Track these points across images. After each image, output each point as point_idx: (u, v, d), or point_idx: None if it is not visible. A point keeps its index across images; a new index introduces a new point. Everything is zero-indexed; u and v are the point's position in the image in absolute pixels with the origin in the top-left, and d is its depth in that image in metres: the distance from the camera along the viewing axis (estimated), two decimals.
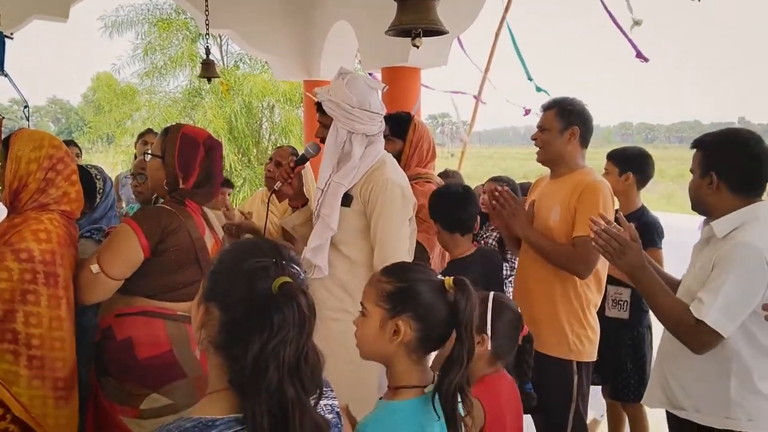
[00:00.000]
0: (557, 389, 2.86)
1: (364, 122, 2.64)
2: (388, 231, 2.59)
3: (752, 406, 2.15)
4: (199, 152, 2.44)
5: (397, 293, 1.63)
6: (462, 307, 1.57)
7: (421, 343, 1.62)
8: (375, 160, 2.70)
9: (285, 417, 1.18)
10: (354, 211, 2.65)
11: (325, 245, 2.67)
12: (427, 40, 4.72)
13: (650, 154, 3.63)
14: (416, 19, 2.88)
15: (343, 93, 2.63)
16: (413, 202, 2.72)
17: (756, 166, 2.22)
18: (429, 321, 1.61)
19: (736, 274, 2.09)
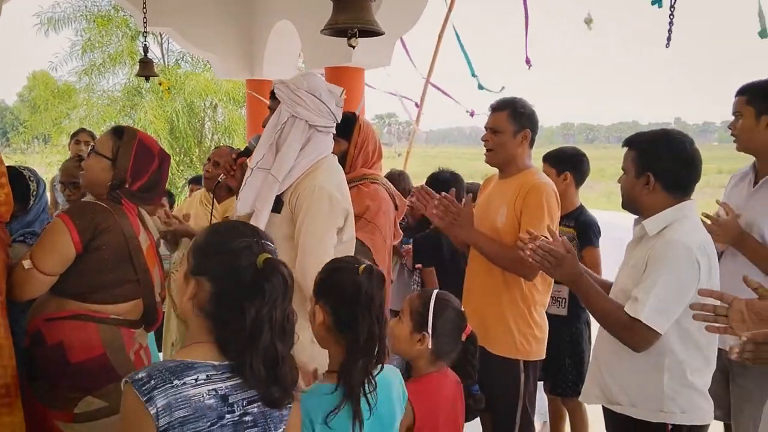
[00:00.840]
0: (505, 388, 2.88)
1: (309, 109, 2.54)
2: (311, 238, 2.47)
3: (685, 400, 2.22)
4: (154, 163, 2.46)
5: (318, 283, 1.87)
6: (364, 289, 1.77)
7: (336, 325, 1.80)
8: (314, 161, 2.59)
9: (275, 366, 1.46)
10: (283, 217, 2.54)
11: None
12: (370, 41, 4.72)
13: (585, 153, 3.70)
14: (352, 19, 2.86)
15: (297, 78, 2.63)
16: (344, 209, 2.59)
17: (689, 166, 2.28)
18: (338, 304, 1.80)
19: (668, 271, 2.15)
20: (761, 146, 2.68)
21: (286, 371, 1.49)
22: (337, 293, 1.82)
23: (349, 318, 1.78)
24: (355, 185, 3.19)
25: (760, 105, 2.63)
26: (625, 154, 2.35)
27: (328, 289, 1.84)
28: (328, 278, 1.86)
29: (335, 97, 2.65)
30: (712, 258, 2.22)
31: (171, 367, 1.42)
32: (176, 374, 1.40)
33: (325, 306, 1.82)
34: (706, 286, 2.15)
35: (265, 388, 1.47)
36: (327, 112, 2.59)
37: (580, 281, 2.30)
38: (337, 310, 1.81)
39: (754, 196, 2.71)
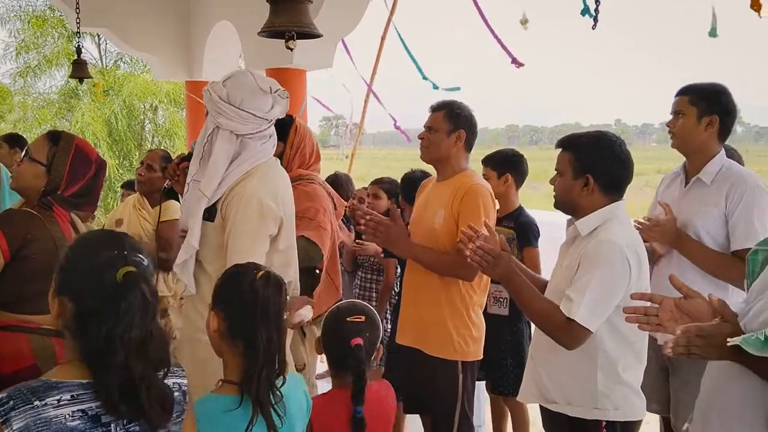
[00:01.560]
0: (443, 390, 2.89)
1: (232, 119, 2.38)
2: (238, 248, 2.33)
3: (617, 396, 2.26)
4: (90, 170, 2.42)
5: (215, 289, 1.81)
6: (261, 295, 1.72)
7: (231, 332, 1.74)
8: (247, 169, 2.44)
9: (134, 389, 1.39)
10: (216, 226, 2.42)
11: (190, 261, 2.45)
12: (311, 42, 4.70)
13: (522, 154, 3.75)
14: (289, 21, 2.84)
15: (217, 85, 2.45)
16: (277, 217, 2.46)
17: (625, 168, 2.32)
18: (234, 310, 1.74)
19: (600, 271, 2.18)
20: (698, 146, 2.75)
21: (146, 397, 1.40)
22: (233, 299, 1.76)
23: (245, 325, 1.72)
24: (293, 186, 3.06)
25: (703, 106, 2.70)
26: (560, 155, 2.37)
27: (223, 294, 1.79)
28: (225, 284, 1.81)
29: (269, 95, 2.48)
30: (642, 256, 2.26)
31: (33, 387, 1.36)
32: (37, 395, 1.34)
33: (220, 312, 1.76)
34: (636, 285, 2.20)
35: (117, 410, 1.39)
36: (253, 119, 2.41)
37: (515, 280, 2.32)
38: (233, 316, 1.75)
39: (686, 196, 2.78)
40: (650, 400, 2.64)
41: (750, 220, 2.60)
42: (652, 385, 2.72)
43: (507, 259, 2.33)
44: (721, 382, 1.76)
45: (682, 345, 1.62)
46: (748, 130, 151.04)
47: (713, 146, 2.74)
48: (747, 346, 1.53)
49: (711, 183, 2.70)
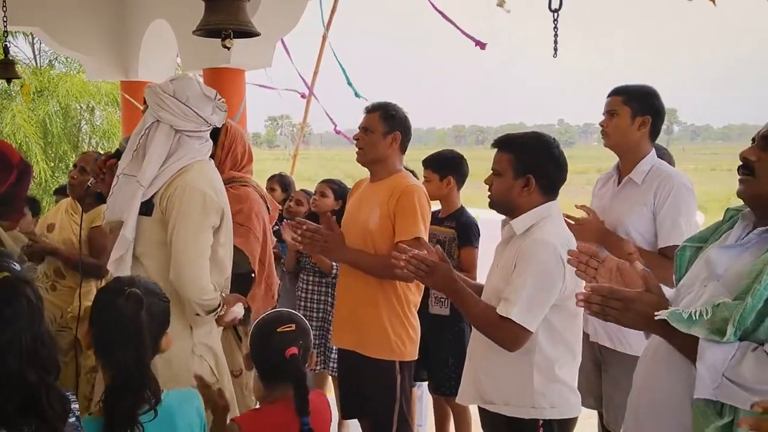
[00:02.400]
0: (381, 391, 2.88)
1: (175, 114, 2.43)
2: (183, 240, 2.36)
3: (554, 394, 2.28)
4: (11, 176, 2.34)
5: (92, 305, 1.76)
6: (128, 316, 1.68)
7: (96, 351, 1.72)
8: (185, 164, 2.47)
9: (33, 398, 1.33)
10: (155, 220, 2.42)
11: (127, 257, 2.43)
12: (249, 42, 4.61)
13: (462, 155, 3.77)
14: (225, 19, 2.77)
15: (164, 82, 2.51)
16: (219, 207, 2.50)
17: (563, 169, 2.36)
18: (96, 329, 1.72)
19: (536, 270, 2.20)
20: (630, 146, 2.81)
21: (46, 402, 1.36)
22: (96, 317, 1.73)
23: (105, 345, 1.71)
24: (225, 188, 3.08)
25: (636, 107, 2.76)
26: (499, 156, 2.37)
27: (92, 311, 1.76)
28: (96, 299, 1.78)
29: (212, 102, 2.55)
30: None
31: None
32: None
33: (90, 329, 1.73)
34: (570, 283, 2.23)
35: (14, 424, 1.33)
36: (195, 117, 2.48)
37: (454, 288, 2.31)
38: (96, 334, 1.72)
39: (618, 195, 2.84)
40: (585, 396, 2.69)
41: (676, 219, 2.67)
42: (586, 382, 2.78)
43: (445, 269, 2.30)
44: (650, 379, 1.80)
45: (596, 303, 1.66)
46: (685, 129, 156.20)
47: (645, 146, 2.80)
48: (674, 322, 1.59)
49: (642, 182, 2.77)
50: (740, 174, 1.70)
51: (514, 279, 2.22)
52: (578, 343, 2.37)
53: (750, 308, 1.51)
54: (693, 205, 2.73)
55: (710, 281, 1.70)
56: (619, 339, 2.71)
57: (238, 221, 2.98)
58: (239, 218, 3.01)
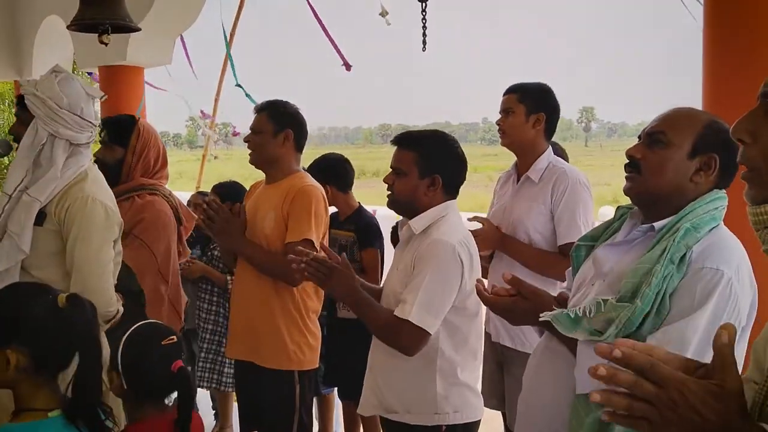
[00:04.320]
0: (279, 403, 2.78)
1: (71, 128, 2.34)
2: (86, 254, 2.30)
3: (457, 398, 2.22)
4: None
5: (1, 322, 1.61)
6: (75, 322, 1.62)
7: (39, 367, 1.60)
8: (77, 172, 2.38)
9: None
10: (47, 230, 2.32)
11: (15, 269, 2.32)
12: (147, 39, 4.43)
13: (343, 159, 3.68)
14: (101, 13, 2.61)
15: (53, 91, 2.33)
16: (119, 220, 2.44)
17: (465, 168, 2.32)
18: (42, 345, 1.60)
19: (433, 270, 2.14)
20: (526, 143, 2.79)
21: None
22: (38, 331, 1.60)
23: (61, 356, 1.62)
24: (130, 196, 2.93)
25: (531, 105, 2.74)
26: (402, 154, 2.28)
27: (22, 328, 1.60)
28: (20, 315, 1.61)
29: (94, 100, 2.46)
30: (474, 254, 2.25)
31: None
32: None
33: (23, 348, 1.58)
34: (468, 282, 2.18)
35: None
36: (89, 127, 2.41)
37: (354, 296, 2.23)
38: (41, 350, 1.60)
39: (517, 194, 2.82)
40: (489, 396, 2.67)
41: (572, 216, 2.66)
42: (489, 382, 2.78)
43: (344, 276, 2.21)
44: (536, 379, 1.80)
45: None
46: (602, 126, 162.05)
47: (541, 144, 2.79)
48: (557, 324, 1.61)
49: (539, 181, 2.75)
50: (627, 171, 1.68)
51: (412, 280, 2.15)
52: (480, 343, 2.34)
53: (639, 312, 1.49)
54: (589, 201, 2.73)
55: (596, 280, 1.69)
56: (521, 339, 2.69)
57: (134, 233, 2.86)
58: (137, 231, 2.87)
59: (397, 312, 2.14)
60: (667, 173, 1.61)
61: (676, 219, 1.58)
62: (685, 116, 1.66)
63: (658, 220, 1.61)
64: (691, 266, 1.51)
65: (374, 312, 2.23)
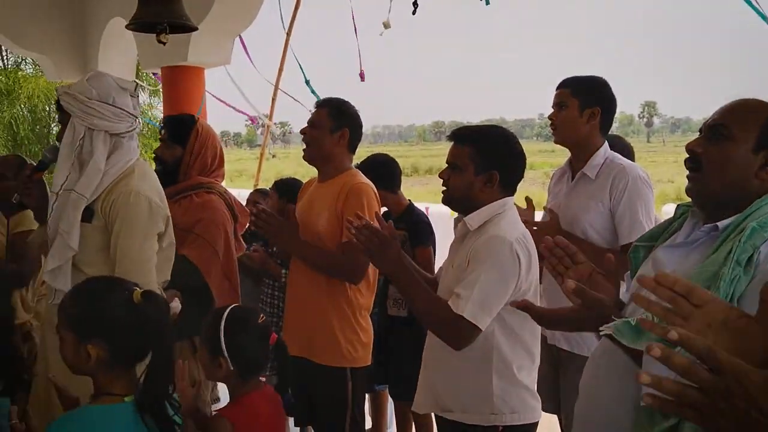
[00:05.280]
0: (332, 399, 2.80)
1: (106, 117, 2.36)
2: (128, 248, 2.34)
3: (514, 399, 2.18)
4: None
5: (82, 318, 1.68)
6: (151, 317, 1.69)
7: (117, 359, 1.68)
8: (123, 167, 2.41)
9: None
10: (95, 227, 2.37)
11: (66, 266, 2.38)
12: (207, 39, 4.51)
13: (390, 160, 3.67)
14: (159, 13, 2.67)
15: (83, 86, 2.40)
16: (165, 214, 2.47)
17: (523, 165, 2.28)
18: (120, 340, 1.67)
19: (489, 266, 2.10)
20: (580, 139, 2.72)
21: None
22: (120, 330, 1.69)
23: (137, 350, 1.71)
24: (188, 195, 3.01)
25: (585, 98, 2.66)
26: (458, 149, 2.24)
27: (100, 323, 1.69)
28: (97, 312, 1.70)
29: (128, 91, 2.46)
30: (532, 251, 2.19)
31: None
32: None
33: (103, 343, 1.67)
34: (526, 279, 2.14)
35: None
36: (126, 116, 2.42)
37: (403, 272, 2.20)
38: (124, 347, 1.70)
39: (572, 191, 2.75)
40: (544, 399, 2.60)
41: (635, 214, 2.58)
42: (545, 385, 2.70)
43: (396, 248, 2.19)
44: (594, 386, 1.73)
45: None
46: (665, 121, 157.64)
47: (595, 139, 2.71)
48: (620, 336, 1.51)
49: (595, 177, 2.67)
50: (687, 167, 1.59)
51: (467, 275, 2.12)
52: (536, 344, 2.28)
53: None
54: (650, 198, 2.64)
55: None
56: (577, 341, 2.63)
57: (197, 232, 2.93)
58: (198, 229, 2.94)
59: (451, 305, 2.10)
60: (730, 169, 1.52)
61: (741, 218, 1.49)
62: (749, 108, 1.55)
63: (721, 220, 1.52)
64: (759, 268, 1.41)
65: (424, 296, 2.20)
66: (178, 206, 2.91)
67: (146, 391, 1.69)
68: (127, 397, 1.68)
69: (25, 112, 11.46)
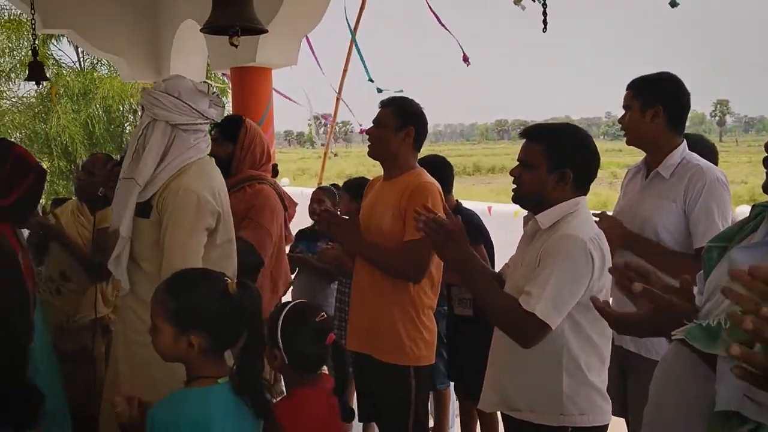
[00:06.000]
0: (395, 397, 2.81)
1: (167, 108, 2.45)
2: (174, 241, 2.38)
3: (583, 400, 2.15)
4: (29, 177, 2.38)
5: (182, 311, 1.75)
6: (246, 307, 1.77)
7: (215, 347, 1.77)
8: (182, 164, 2.47)
9: None
10: (152, 222, 2.44)
11: (123, 256, 2.45)
12: (275, 40, 4.61)
13: (448, 162, 3.66)
14: (231, 16, 2.76)
15: (157, 83, 2.57)
16: (214, 210, 2.49)
17: (597, 163, 2.25)
18: (218, 329, 1.76)
19: (562, 265, 2.07)
20: (648, 139, 2.66)
21: None
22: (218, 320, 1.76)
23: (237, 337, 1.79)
24: (242, 187, 3.20)
25: (645, 99, 2.60)
26: (530, 147, 2.22)
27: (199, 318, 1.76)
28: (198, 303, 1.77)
29: (207, 96, 2.56)
30: (605, 251, 2.16)
31: None
32: None
33: (203, 333, 1.75)
34: (599, 280, 2.10)
35: None
36: (189, 110, 2.49)
37: (470, 266, 2.18)
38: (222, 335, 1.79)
39: (646, 190, 2.68)
40: (612, 401, 2.56)
41: (710, 217, 2.49)
42: (612, 387, 2.62)
43: (464, 242, 2.17)
44: (665, 390, 1.68)
45: None
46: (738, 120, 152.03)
47: (666, 138, 2.62)
48: (693, 340, 1.48)
49: (670, 177, 2.59)
50: (765, 166, 1.54)
51: (539, 273, 2.08)
52: (606, 345, 2.23)
53: None
54: (728, 200, 2.55)
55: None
56: (644, 344, 2.56)
57: (252, 217, 3.12)
58: (253, 214, 3.13)
59: (522, 302, 2.07)
60: None
61: None
62: None
63: None
64: None
65: (494, 293, 2.18)
66: (233, 198, 3.01)
67: (242, 373, 1.76)
68: (220, 379, 1.76)
69: (101, 112, 11.90)
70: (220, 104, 2.62)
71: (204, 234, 2.46)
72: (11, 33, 12.43)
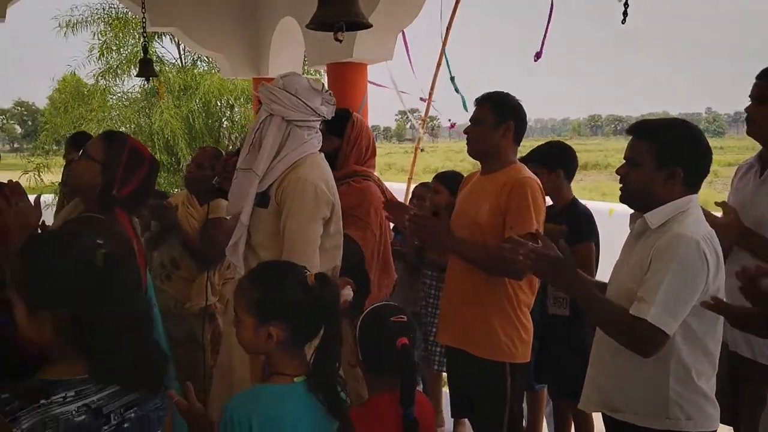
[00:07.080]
0: (490, 393, 2.79)
1: (284, 104, 2.60)
2: (294, 230, 2.53)
3: (691, 405, 2.08)
4: (144, 168, 2.47)
5: (263, 302, 1.76)
6: (325, 299, 1.77)
7: (294, 339, 1.78)
8: (297, 157, 2.61)
9: None
10: (270, 212, 2.58)
11: (241, 243, 2.61)
12: (370, 35, 4.65)
13: (570, 147, 3.59)
14: (337, 12, 2.82)
15: (276, 80, 2.68)
16: (329, 200, 2.62)
17: (709, 160, 2.16)
18: (298, 320, 1.76)
19: (675, 267, 2.00)
20: None
21: None
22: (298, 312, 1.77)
23: (316, 330, 1.79)
24: (346, 182, 3.20)
25: None
26: (637, 144, 2.16)
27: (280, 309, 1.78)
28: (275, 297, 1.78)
29: (320, 94, 2.68)
30: (719, 252, 2.08)
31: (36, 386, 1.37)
32: (43, 393, 1.35)
33: (283, 324, 1.76)
34: (713, 282, 2.03)
35: None
36: (304, 107, 2.62)
37: (578, 285, 2.16)
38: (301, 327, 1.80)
39: (761, 188, 2.56)
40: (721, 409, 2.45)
41: None
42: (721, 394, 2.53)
43: (570, 267, 2.14)
44: None
45: None
46: None
47: None
48: None
49: None
50: None
51: (651, 277, 2.02)
52: (717, 350, 2.15)
53: None
54: None
55: None
56: (761, 349, 2.44)
57: (357, 215, 3.12)
58: (359, 212, 3.13)
59: (633, 310, 2.02)
60: None
61: None
62: None
63: None
64: None
65: (602, 305, 2.14)
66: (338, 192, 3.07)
67: (318, 371, 1.77)
68: (296, 378, 1.77)
69: (200, 107, 12.31)
70: (331, 102, 2.72)
71: (321, 223, 2.59)
72: (119, 31, 13.07)
